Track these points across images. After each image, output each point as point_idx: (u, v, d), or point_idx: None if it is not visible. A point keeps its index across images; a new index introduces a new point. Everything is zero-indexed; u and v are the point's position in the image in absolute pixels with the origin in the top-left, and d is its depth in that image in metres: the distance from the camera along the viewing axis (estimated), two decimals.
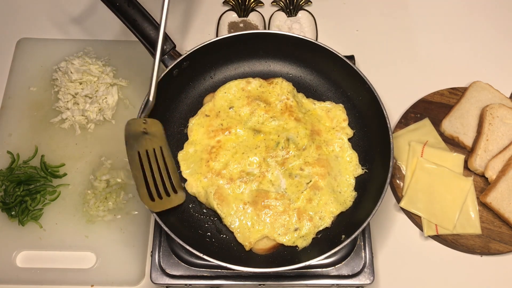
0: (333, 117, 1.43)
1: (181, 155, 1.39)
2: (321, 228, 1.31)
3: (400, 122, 1.61)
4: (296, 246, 1.29)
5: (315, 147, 1.37)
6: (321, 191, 1.32)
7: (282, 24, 1.77)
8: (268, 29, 1.76)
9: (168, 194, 1.28)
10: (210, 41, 1.41)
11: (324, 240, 1.31)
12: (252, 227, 1.29)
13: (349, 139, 1.42)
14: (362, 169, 1.37)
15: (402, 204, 1.48)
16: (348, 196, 1.34)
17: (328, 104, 1.45)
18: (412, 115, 1.62)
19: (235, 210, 1.30)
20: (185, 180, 1.36)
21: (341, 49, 1.43)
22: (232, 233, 1.33)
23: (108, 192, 1.49)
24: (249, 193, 1.32)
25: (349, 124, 1.43)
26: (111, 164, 1.54)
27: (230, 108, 1.43)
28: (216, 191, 1.31)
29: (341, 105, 1.45)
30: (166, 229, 1.22)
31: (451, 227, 1.44)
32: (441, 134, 1.59)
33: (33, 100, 1.64)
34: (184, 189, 1.34)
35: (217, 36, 1.75)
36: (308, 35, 1.73)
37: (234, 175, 1.33)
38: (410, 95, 1.66)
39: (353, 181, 1.36)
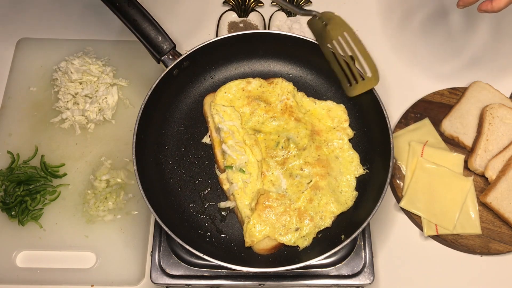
0: (334, 117, 1.43)
1: None
2: (321, 228, 1.31)
3: (400, 122, 1.61)
4: (297, 246, 1.29)
5: (315, 147, 1.37)
6: (321, 191, 1.32)
7: (282, 24, 1.76)
8: (268, 29, 1.76)
9: (363, 78, 1.33)
10: (210, 41, 1.41)
11: (324, 240, 1.31)
12: (253, 227, 1.29)
13: (350, 139, 1.42)
14: (364, 170, 1.37)
15: (402, 204, 1.48)
16: (349, 196, 1.34)
17: (329, 103, 1.45)
18: (412, 115, 1.62)
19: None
20: None
21: None
22: (232, 233, 1.34)
23: (108, 192, 1.49)
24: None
25: (349, 124, 1.43)
26: (111, 164, 1.54)
27: None
28: None
29: (342, 105, 1.45)
30: (166, 229, 1.22)
31: (451, 227, 1.44)
32: (441, 134, 1.59)
33: (33, 100, 1.64)
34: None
35: (217, 36, 1.75)
36: (308, 35, 1.72)
37: None
38: (410, 95, 1.66)
39: (354, 181, 1.36)
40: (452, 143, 1.58)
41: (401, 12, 1.84)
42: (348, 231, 1.25)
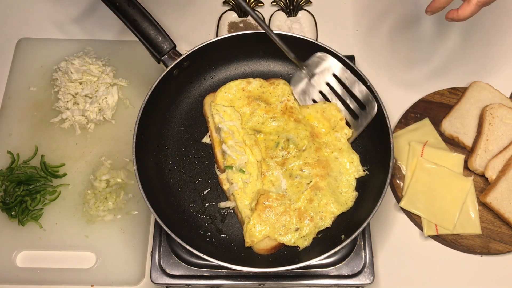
0: (329, 118, 1.42)
1: None
2: (321, 228, 1.31)
3: (400, 122, 1.61)
4: (297, 246, 1.29)
5: (314, 149, 1.37)
6: (321, 192, 1.32)
7: (282, 24, 1.76)
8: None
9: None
10: (210, 41, 1.41)
11: (324, 240, 1.31)
12: (253, 227, 1.29)
13: (349, 139, 1.41)
14: (364, 171, 1.37)
15: (402, 204, 1.48)
16: (349, 196, 1.34)
17: (321, 104, 1.44)
18: (412, 115, 1.62)
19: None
20: None
21: (341, 49, 1.43)
22: (232, 233, 1.34)
23: (108, 192, 1.49)
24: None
25: (347, 124, 1.43)
26: (111, 164, 1.54)
27: None
28: None
29: (334, 103, 1.43)
30: (166, 229, 1.22)
31: (451, 227, 1.44)
32: (441, 134, 1.59)
33: (33, 100, 1.64)
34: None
35: (217, 36, 1.75)
36: (308, 35, 1.73)
37: None
38: (410, 95, 1.66)
39: (354, 182, 1.36)
40: (452, 143, 1.58)
41: (401, 12, 1.84)
42: (348, 231, 1.25)
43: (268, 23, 1.77)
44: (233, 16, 1.78)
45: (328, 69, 1.41)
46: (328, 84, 1.42)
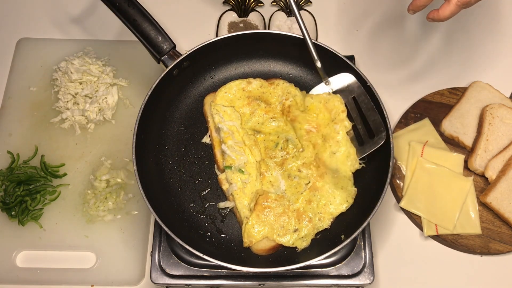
0: (331, 109, 1.41)
1: None
2: (320, 230, 1.31)
3: (400, 122, 1.61)
4: (296, 247, 1.29)
5: (312, 146, 1.36)
6: (320, 192, 1.32)
7: (282, 24, 1.76)
8: (268, 29, 1.76)
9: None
10: (210, 41, 1.41)
11: (324, 240, 1.31)
12: (252, 227, 1.29)
13: (349, 139, 1.41)
14: (360, 164, 1.36)
15: (402, 204, 1.48)
16: (348, 193, 1.33)
17: (325, 95, 1.43)
18: (412, 115, 1.62)
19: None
20: None
21: (341, 49, 1.43)
22: (232, 233, 1.33)
23: (108, 192, 1.49)
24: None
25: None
26: (111, 164, 1.54)
27: None
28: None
29: (338, 95, 1.43)
30: (166, 229, 1.22)
31: (451, 227, 1.44)
32: (441, 134, 1.59)
33: (33, 100, 1.64)
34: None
35: (217, 36, 1.75)
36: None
37: None
38: (410, 95, 1.66)
39: (351, 178, 1.35)
40: (452, 143, 1.58)
41: (401, 12, 1.84)
42: (348, 231, 1.25)
43: (268, 23, 1.77)
44: (233, 16, 1.78)
45: (351, 91, 1.40)
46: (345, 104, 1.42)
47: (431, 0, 1.22)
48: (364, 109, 1.37)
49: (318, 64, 1.38)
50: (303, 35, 1.34)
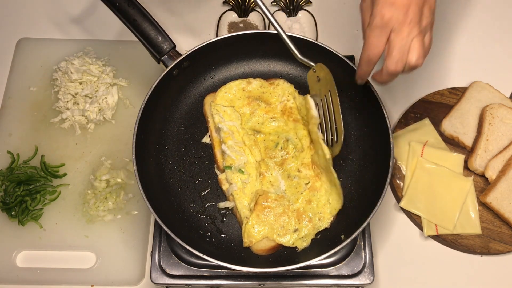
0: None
1: None
2: (320, 229, 1.31)
3: (400, 122, 1.61)
4: (296, 247, 1.29)
5: (310, 145, 1.36)
6: (319, 192, 1.32)
7: (282, 24, 1.76)
8: (268, 29, 1.76)
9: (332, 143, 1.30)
10: (210, 41, 1.41)
11: (324, 240, 1.31)
12: (252, 227, 1.29)
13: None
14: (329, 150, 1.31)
15: (402, 204, 1.48)
16: (338, 187, 1.30)
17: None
18: (412, 115, 1.62)
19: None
20: None
21: (341, 49, 1.43)
22: (232, 233, 1.33)
23: (108, 192, 1.50)
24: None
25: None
26: (111, 164, 1.54)
27: None
28: None
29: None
30: (166, 229, 1.22)
31: (451, 227, 1.44)
32: (441, 134, 1.59)
33: (33, 100, 1.64)
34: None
35: (217, 36, 1.75)
36: (308, 35, 1.73)
37: None
38: (410, 95, 1.66)
39: (331, 163, 1.30)
40: (452, 143, 1.58)
41: None
42: (348, 231, 1.25)
43: (268, 23, 1.77)
44: (233, 16, 1.78)
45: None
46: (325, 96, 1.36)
47: (371, 68, 1.20)
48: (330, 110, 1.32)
49: (299, 55, 1.32)
50: (275, 28, 1.30)
